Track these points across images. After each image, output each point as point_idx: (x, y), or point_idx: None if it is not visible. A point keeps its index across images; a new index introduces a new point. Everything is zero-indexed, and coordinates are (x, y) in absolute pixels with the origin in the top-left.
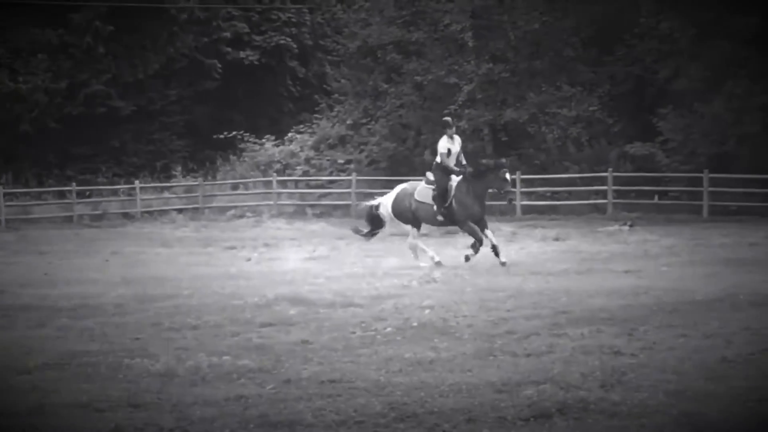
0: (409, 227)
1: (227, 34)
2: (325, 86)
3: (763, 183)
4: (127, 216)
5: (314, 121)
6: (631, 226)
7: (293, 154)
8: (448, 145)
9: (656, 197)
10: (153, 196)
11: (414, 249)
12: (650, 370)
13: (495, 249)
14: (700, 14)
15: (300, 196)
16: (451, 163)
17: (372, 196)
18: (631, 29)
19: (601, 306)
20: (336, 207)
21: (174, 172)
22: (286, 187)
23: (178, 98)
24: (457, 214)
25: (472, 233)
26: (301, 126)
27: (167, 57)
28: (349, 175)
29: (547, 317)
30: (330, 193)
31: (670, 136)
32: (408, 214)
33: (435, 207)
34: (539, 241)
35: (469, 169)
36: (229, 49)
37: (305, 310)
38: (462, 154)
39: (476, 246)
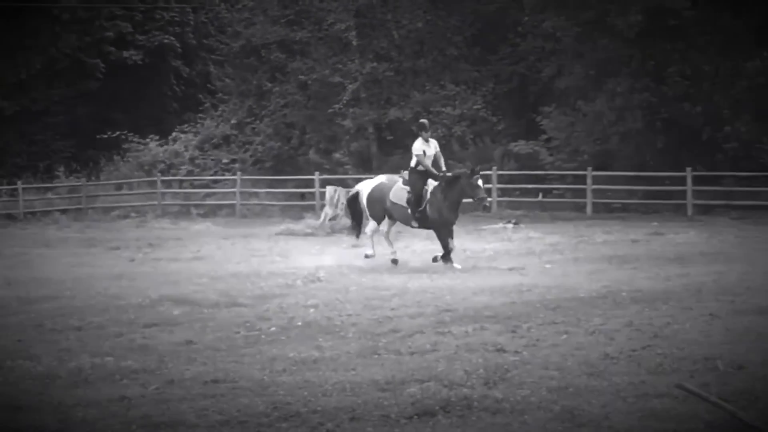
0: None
1: (110, 34)
2: (209, 86)
3: (645, 180)
4: (9, 217)
5: (198, 121)
6: (515, 224)
7: (177, 154)
8: (423, 147)
9: (540, 195)
10: (36, 197)
11: (372, 236)
12: (533, 366)
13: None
14: (583, 13)
15: (184, 196)
16: (427, 163)
17: (257, 195)
18: (514, 28)
19: (485, 304)
20: (221, 207)
21: (57, 173)
22: (170, 187)
23: (60, 98)
24: (431, 220)
25: (443, 241)
26: (186, 126)
27: (49, 57)
28: (233, 174)
29: (431, 315)
30: (215, 193)
31: (553, 134)
32: (380, 213)
33: (409, 210)
34: (424, 239)
35: (448, 174)
36: (112, 49)
37: (189, 310)
38: (441, 159)
39: (446, 256)
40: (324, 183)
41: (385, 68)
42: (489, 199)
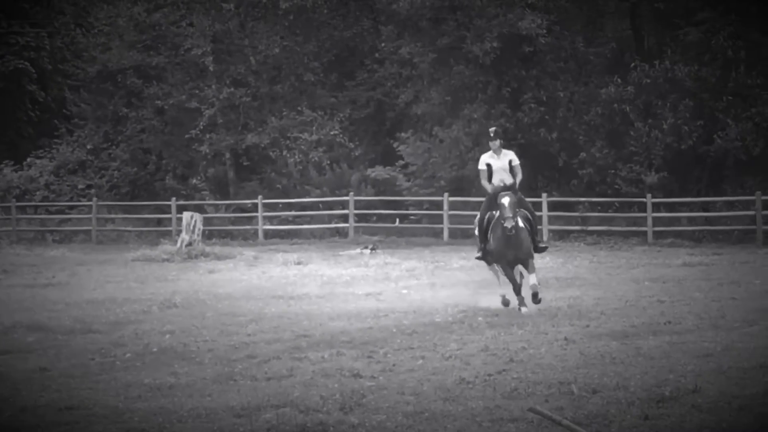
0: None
1: None
2: (64, 111)
3: None
4: None
5: (54, 146)
6: (372, 249)
7: (32, 180)
8: (489, 159)
9: (397, 221)
10: None
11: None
12: (389, 392)
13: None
14: (439, 40)
15: (40, 222)
16: (494, 181)
17: (113, 221)
18: (371, 54)
19: (341, 329)
20: (76, 233)
21: None
22: (25, 212)
23: None
24: (489, 253)
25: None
26: (41, 151)
27: None
28: (89, 200)
29: (288, 341)
30: (70, 219)
31: (410, 160)
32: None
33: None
34: (281, 265)
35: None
36: None
37: (43, 336)
38: (518, 175)
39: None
40: (181, 209)
41: (242, 93)
42: (511, 220)
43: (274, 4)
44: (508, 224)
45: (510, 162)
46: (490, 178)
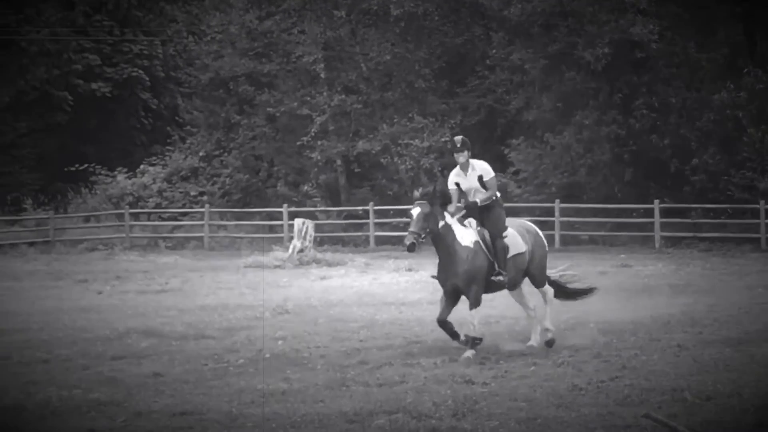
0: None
1: (78, 67)
2: (177, 118)
3: (612, 213)
4: None
5: (166, 153)
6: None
7: (145, 187)
8: (456, 178)
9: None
10: (3, 230)
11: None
12: (501, 398)
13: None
14: (551, 46)
15: (153, 229)
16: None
17: (225, 227)
18: (482, 61)
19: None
20: (189, 239)
21: (24, 205)
22: (138, 219)
23: (28, 131)
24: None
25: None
26: (154, 158)
27: (17, 89)
28: (201, 207)
29: (400, 347)
30: (183, 226)
31: (521, 166)
32: None
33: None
34: (392, 271)
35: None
36: (80, 82)
37: (157, 342)
38: (490, 190)
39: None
40: (292, 215)
41: (354, 101)
42: (410, 237)
43: (386, 11)
44: (406, 240)
45: (480, 178)
46: (460, 200)
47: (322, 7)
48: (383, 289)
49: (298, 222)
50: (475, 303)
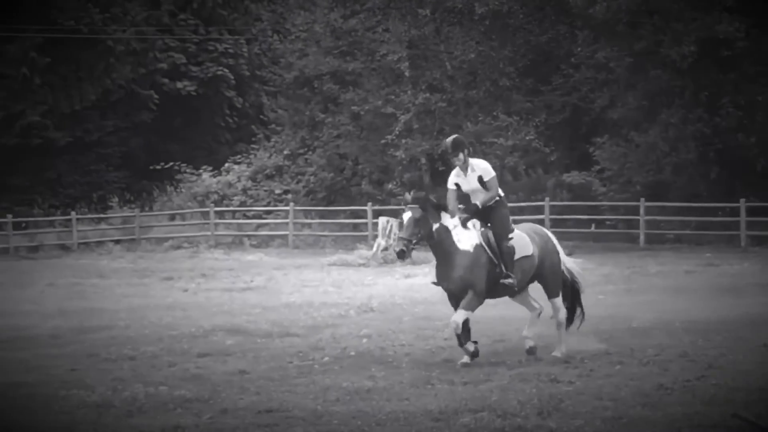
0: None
1: (164, 65)
2: (262, 116)
3: (698, 211)
4: (63, 247)
5: (251, 152)
6: (568, 254)
7: (230, 185)
8: (456, 179)
9: (593, 226)
10: (89, 228)
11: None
12: (587, 397)
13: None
14: (636, 44)
15: (237, 227)
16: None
17: (309, 226)
18: (567, 59)
19: (538, 334)
20: (273, 237)
21: (111, 203)
22: (223, 217)
23: (114, 129)
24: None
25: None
26: (239, 156)
27: (104, 88)
28: (286, 205)
29: (484, 345)
30: (267, 224)
31: (606, 165)
32: None
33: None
34: None
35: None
36: (165, 80)
37: (242, 340)
38: (491, 191)
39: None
40: (377, 214)
41: (438, 99)
42: (400, 243)
43: (470, 10)
44: (395, 248)
45: (480, 179)
46: (462, 201)
47: (407, 5)
48: None
49: (382, 220)
50: (466, 306)
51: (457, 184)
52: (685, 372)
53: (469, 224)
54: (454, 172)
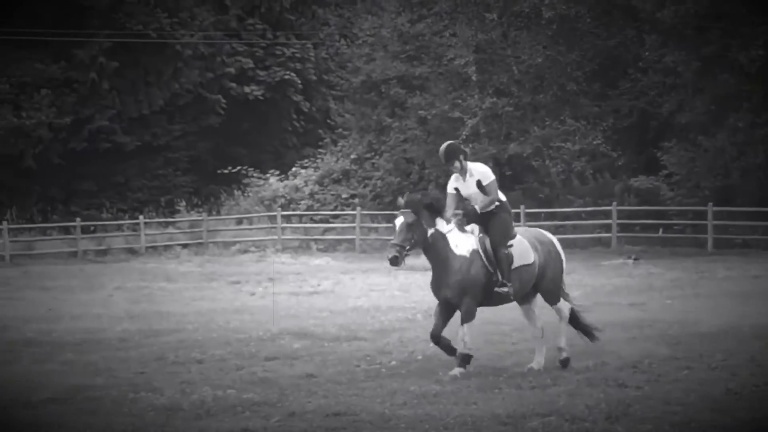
0: None
1: (231, 70)
2: (329, 121)
3: (766, 216)
4: (131, 251)
5: (318, 156)
6: (635, 259)
7: (297, 189)
8: (455, 183)
9: (660, 231)
10: (157, 232)
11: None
12: (655, 402)
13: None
14: (704, 48)
15: (304, 231)
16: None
17: (376, 230)
18: (635, 63)
19: (606, 339)
20: (340, 242)
21: (178, 207)
22: (290, 221)
23: (182, 133)
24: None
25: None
26: (306, 161)
27: (171, 92)
28: (353, 209)
29: (551, 350)
30: (334, 228)
31: (674, 169)
32: None
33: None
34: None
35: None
36: (233, 85)
37: (310, 344)
38: (490, 195)
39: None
40: None
41: (505, 103)
42: (393, 249)
43: (537, 14)
44: (388, 254)
45: (479, 183)
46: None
47: (474, 9)
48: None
49: None
50: (467, 317)
51: (456, 189)
52: (754, 377)
53: (468, 229)
54: (453, 177)
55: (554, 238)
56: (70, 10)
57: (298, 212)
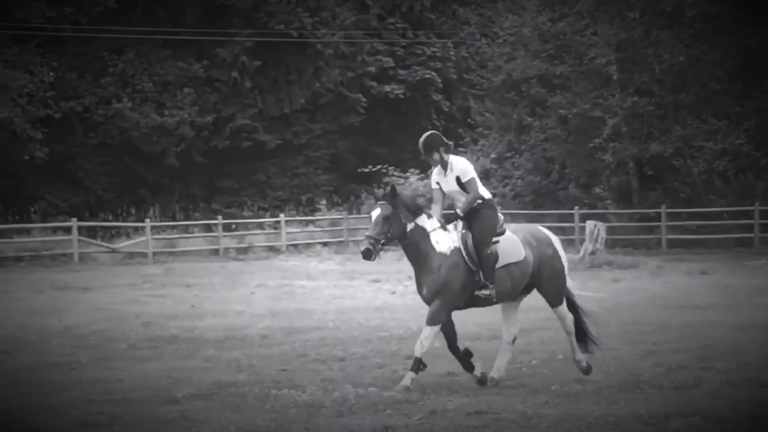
0: None
1: (372, 69)
2: (469, 120)
3: None
4: (272, 249)
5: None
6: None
7: None
8: (437, 177)
9: None
10: (298, 230)
11: None
12: None
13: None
14: None
15: None
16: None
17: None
18: None
19: (749, 339)
20: None
21: (319, 206)
22: None
23: (322, 132)
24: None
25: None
26: None
27: (312, 91)
28: None
29: (694, 350)
30: None
31: None
32: None
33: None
34: (685, 274)
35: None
36: (373, 84)
37: None
38: (471, 193)
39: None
40: (584, 217)
41: (646, 102)
42: (366, 241)
43: (680, 12)
44: (361, 246)
45: (458, 179)
46: (443, 200)
47: (615, 8)
48: (676, 293)
49: (589, 224)
50: (433, 319)
51: (438, 184)
52: None
53: (450, 226)
54: (435, 171)
55: (553, 236)
56: (212, 9)
57: None
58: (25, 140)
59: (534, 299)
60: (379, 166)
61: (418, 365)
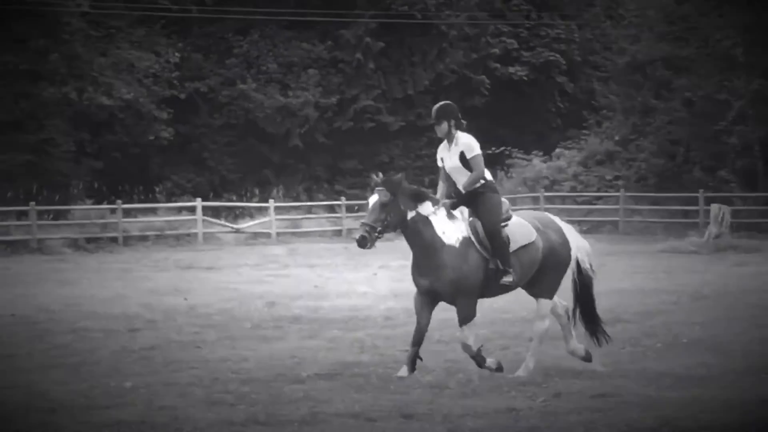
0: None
1: (496, 50)
2: (593, 102)
3: None
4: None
5: (582, 137)
6: None
7: (561, 170)
8: (442, 152)
9: None
10: None
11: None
12: None
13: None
14: None
15: (567, 212)
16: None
17: (640, 212)
18: None
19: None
20: (603, 223)
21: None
22: (553, 203)
23: None
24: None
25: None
26: (569, 142)
27: (436, 73)
28: (617, 191)
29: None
30: (597, 209)
31: None
32: None
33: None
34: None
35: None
36: (497, 65)
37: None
38: (474, 172)
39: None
40: (708, 201)
41: None
42: (363, 228)
43: None
44: (356, 234)
45: (462, 155)
46: (448, 179)
47: None
48: None
49: (714, 207)
50: (465, 318)
51: (442, 159)
52: None
53: (456, 213)
54: (441, 145)
55: (566, 225)
56: None
57: (561, 193)
58: (151, 120)
59: (651, 282)
60: (502, 148)
61: (481, 358)
